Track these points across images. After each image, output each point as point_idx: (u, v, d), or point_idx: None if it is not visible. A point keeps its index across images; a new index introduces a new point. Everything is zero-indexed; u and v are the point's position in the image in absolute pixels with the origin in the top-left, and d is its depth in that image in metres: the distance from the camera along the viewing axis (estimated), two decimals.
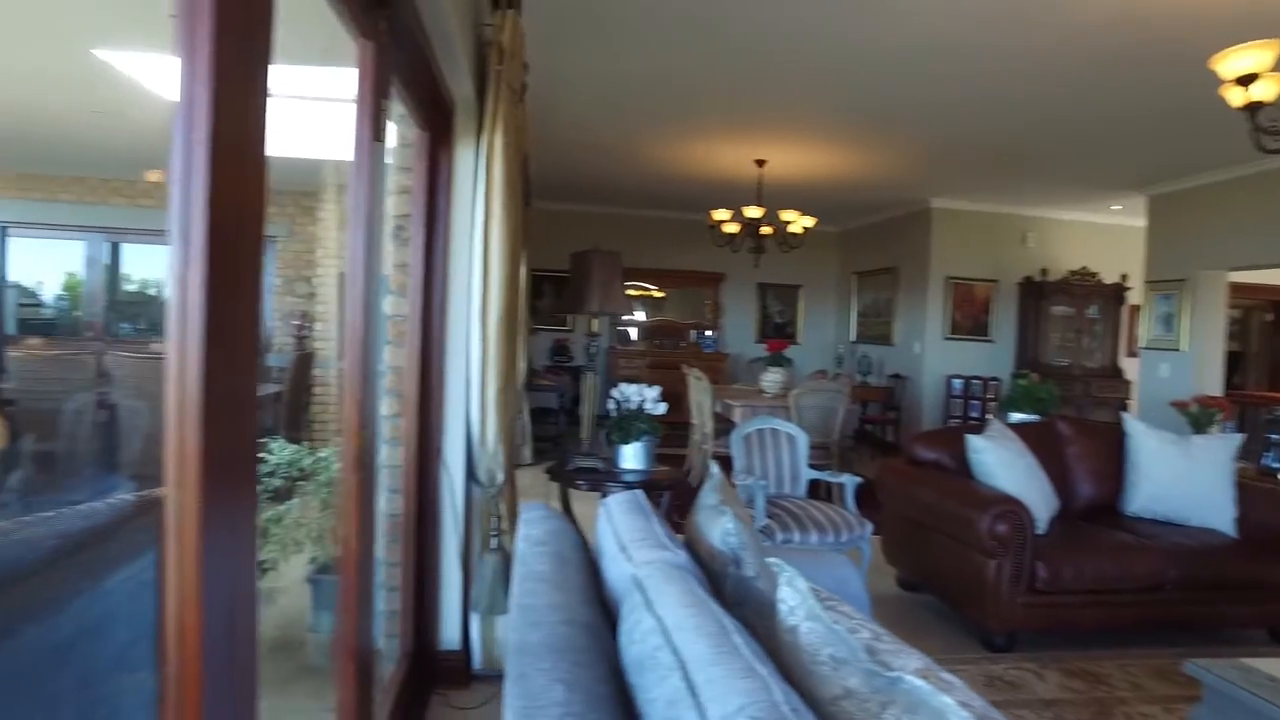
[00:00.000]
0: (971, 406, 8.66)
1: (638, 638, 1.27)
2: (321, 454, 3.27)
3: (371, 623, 2.07)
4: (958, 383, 8.79)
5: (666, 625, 1.22)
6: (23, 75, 4.57)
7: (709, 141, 6.70)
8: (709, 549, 1.88)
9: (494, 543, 2.91)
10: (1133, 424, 4.19)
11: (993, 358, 9.03)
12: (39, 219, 8.11)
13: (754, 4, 3.81)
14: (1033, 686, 3.17)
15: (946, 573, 3.72)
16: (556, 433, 7.51)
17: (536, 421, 6.88)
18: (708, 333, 10.80)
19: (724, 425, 6.82)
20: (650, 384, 3.69)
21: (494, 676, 3.01)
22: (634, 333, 10.72)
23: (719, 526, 1.86)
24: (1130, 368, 8.86)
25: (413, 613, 2.76)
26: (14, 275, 8.52)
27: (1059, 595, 3.46)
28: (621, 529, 1.91)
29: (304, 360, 6.11)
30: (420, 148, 2.63)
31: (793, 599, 1.36)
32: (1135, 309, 8.85)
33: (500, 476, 2.85)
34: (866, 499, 4.35)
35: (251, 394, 1.13)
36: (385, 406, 2.64)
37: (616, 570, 1.71)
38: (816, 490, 4.80)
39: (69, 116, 5.41)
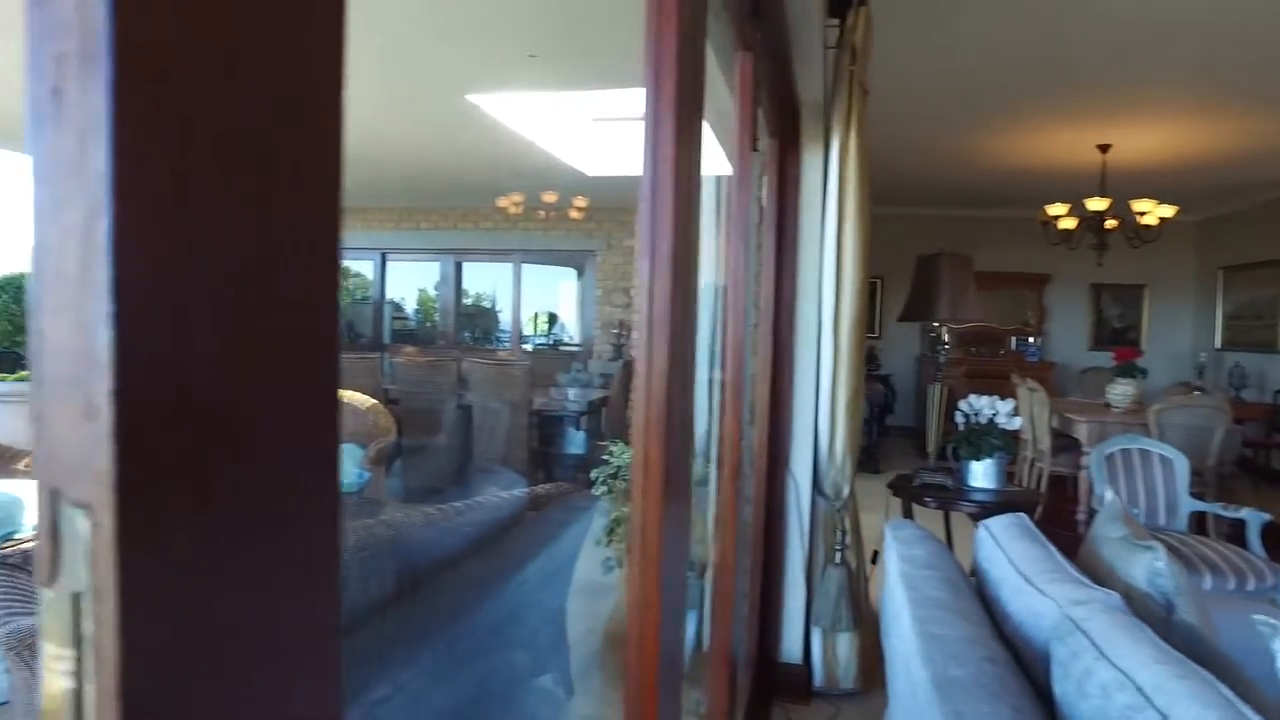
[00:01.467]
0: None
1: (1093, 691, 1.11)
2: None
3: (738, 629, 2.08)
4: None
5: (1138, 682, 1.05)
6: (410, 122, 5.36)
7: (1042, 130, 6.05)
8: (1126, 588, 1.63)
9: (838, 557, 2.83)
10: None
11: None
12: (408, 245, 9.53)
13: None
14: None
15: None
16: (867, 443, 7.24)
17: None
18: (1030, 339, 9.80)
19: (1060, 441, 6.13)
20: (968, 394, 3.37)
21: (834, 695, 2.91)
22: (946, 339, 10.05)
23: (1143, 565, 1.60)
24: None
25: (758, 622, 2.76)
26: (388, 293, 10.12)
27: None
28: (1016, 557, 1.72)
29: (627, 367, 6.51)
30: (770, 154, 2.63)
31: None
32: None
33: (846, 490, 2.76)
34: (1270, 540, 3.60)
35: (691, 402, 1.15)
36: None
37: (1023, 604, 1.54)
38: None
39: (439, 155, 6.27)
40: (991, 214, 9.61)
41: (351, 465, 4.73)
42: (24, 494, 3.39)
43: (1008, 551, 1.77)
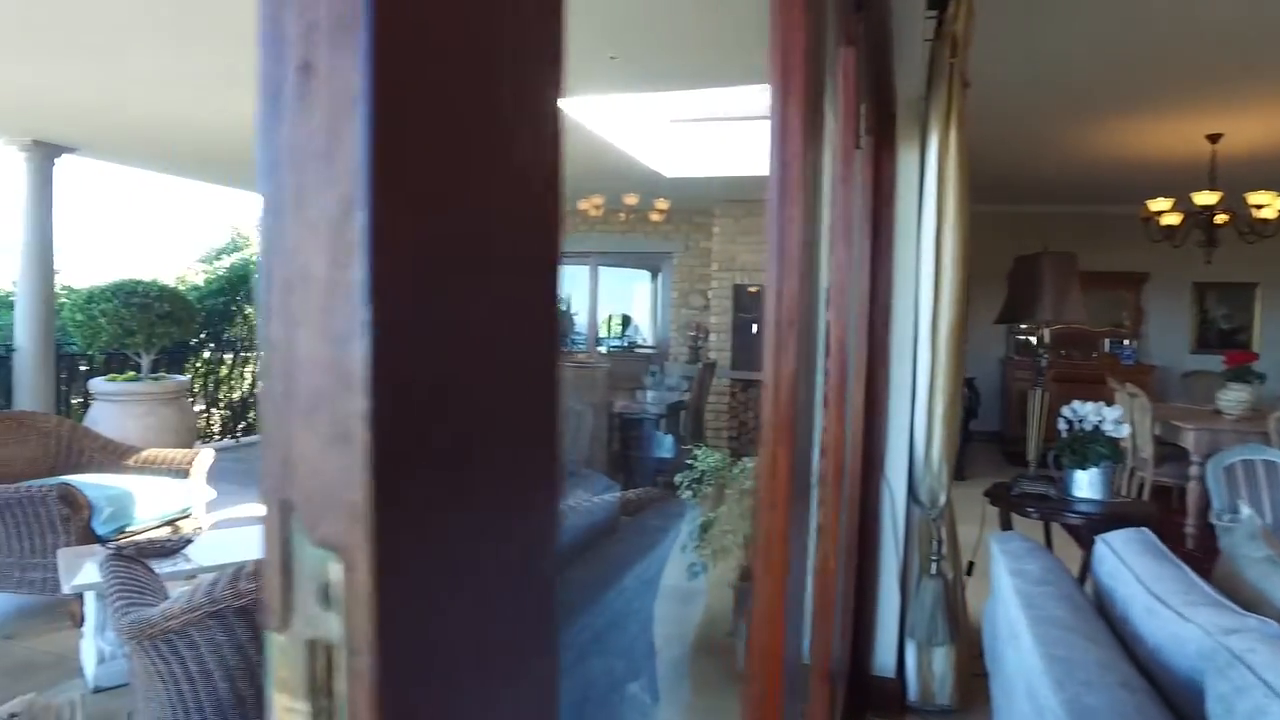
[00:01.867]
0: None
1: None
2: (748, 462, 3.33)
3: (835, 639, 2.01)
4: None
5: None
6: None
7: (1143, 121, 5.74)
8: (1277, 613, 1.50)
9: (934, 567, 2.72)
10: None
11: None
12: None
13: None
14: None
15: None
16: None
17: None
18: (1125, 341, 9.33)
19: (1163, 450, 5.81)
20: (1061, 399, 3.19)
21: (930, 711, 2.80)
22: (1034, 341, 9.66)
23: None
24: None
25: (850, 632, 2.67)
26: None
27: None
28: (1144, 575, 1.61)
29: (707, 370, 6.45)
30: (866, 152, 2.55)
31: None
32: None
33: (943, 498, 2.65)
34: None
35: (814, 405, 1.10)
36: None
37: (1158, 627, 1.43)
38: None
39: None
40: (1084, 210, 9.18)
41: None
42: (134, 488, 3.56)
43: (1134, 569, 1.66)
